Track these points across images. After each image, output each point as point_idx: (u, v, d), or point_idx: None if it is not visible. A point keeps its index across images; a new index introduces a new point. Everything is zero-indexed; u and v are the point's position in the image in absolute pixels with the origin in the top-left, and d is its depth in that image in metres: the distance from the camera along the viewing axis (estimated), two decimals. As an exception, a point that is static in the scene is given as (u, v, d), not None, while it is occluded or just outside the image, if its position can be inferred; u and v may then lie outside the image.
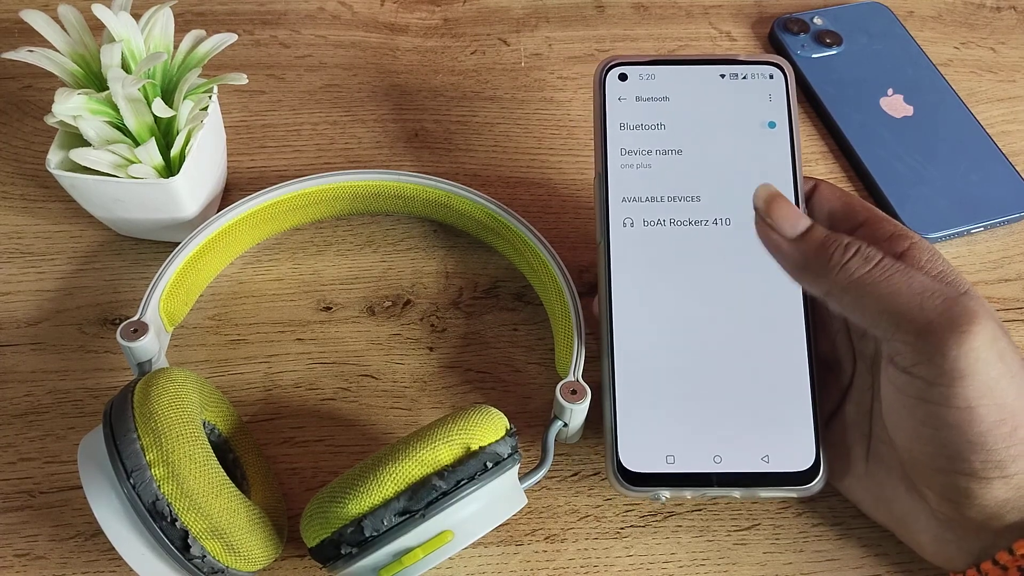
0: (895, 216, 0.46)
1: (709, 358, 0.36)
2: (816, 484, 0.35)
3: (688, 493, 0.35)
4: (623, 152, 0.38)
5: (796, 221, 0.33)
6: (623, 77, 0.39)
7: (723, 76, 0.39)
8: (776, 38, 0.54)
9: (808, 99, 0.52)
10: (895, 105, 0.51)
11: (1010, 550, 0.31)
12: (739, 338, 0.36)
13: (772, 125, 0.39)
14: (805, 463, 0.35)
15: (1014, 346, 0.31)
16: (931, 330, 0.30)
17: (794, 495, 0.35)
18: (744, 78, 0.39)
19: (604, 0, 0.57)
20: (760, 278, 0.37)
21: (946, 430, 0.30)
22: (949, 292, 0.31)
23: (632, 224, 0.37)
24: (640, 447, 0.35)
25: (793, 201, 0.37)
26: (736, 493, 0.35)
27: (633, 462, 0.35)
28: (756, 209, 0.34)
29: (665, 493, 0.35)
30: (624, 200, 0.38)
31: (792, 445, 0.35)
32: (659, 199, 0.38)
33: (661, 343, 0.36)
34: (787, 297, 0.37)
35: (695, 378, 0.36)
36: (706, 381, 0.36)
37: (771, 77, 0.39)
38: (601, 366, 0.36)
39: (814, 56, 0.53)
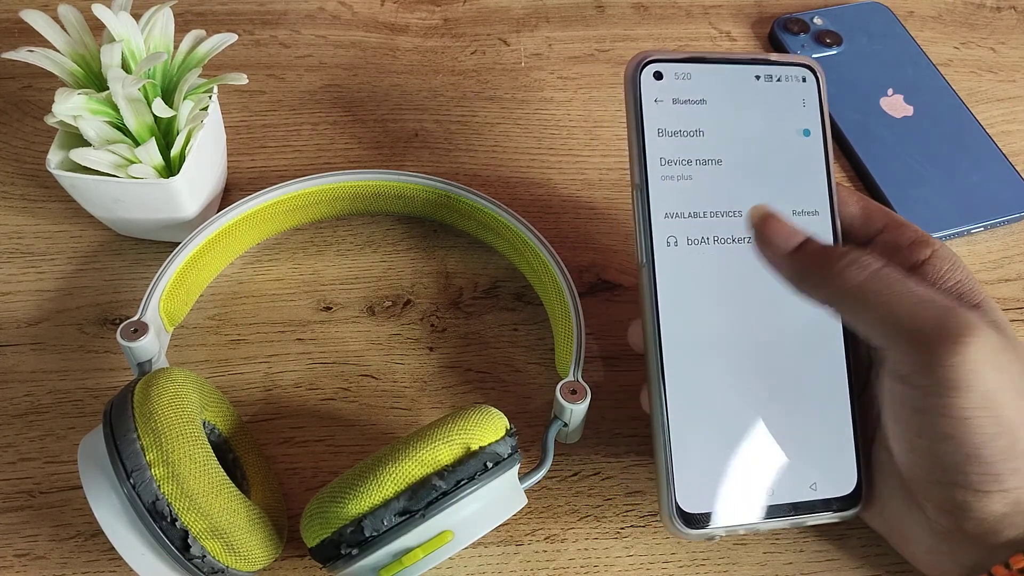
0: (895, 216, 0.46)
1: (758, 386, 0.34)
2: (860, 507, 0.34)
3: (742, 530, 0.34)
4: (663, 162, 0.35)
5: (790, 236, 0.33)
6: (658, 76, 0.35)
7: (758, 77, 0.36)
8: (776, 38, 0.54)
9: (808, 99, 0.52)
10: (895, 105, 0.51)
11: (1007, 564, 0.30)
12: (784, 363, 0.35)
13: (807, 133, 0.36)
14: (849, 486, 0.34)
15: (1021, 358, 0.30)
16: (928, 339, 0.29)
17: (837, 520, 0.34)
18: (778, 80, 0.37)
19: (604, 0, 0.57)
20: (798, 297, 0.34)
21: (943, 442, 0.30)
22: (948, 302, 0.30)
23: (676, 243, 0.34)
24: (697, 487, 0.33)
25: (830, 213, 0.36)
26: (786, 524, 0.34)
27: (691, 503, 0.33)
28: (751, 228, 0.33)
29: (720, 532, 0.33)
30: (667, 216, 0.34)
31: (837, 470, 0.34)
32: (701, 214, 0.35)
33: (711, 373, 0.34)
34: (826, 315, 0.35)
35: (746, 409, 0.34)
36: (757, 411, 0.34)
37: (803, 80, 0.37)
38: (652, 400, 0.34)
39: (814, 56, 0.53)
